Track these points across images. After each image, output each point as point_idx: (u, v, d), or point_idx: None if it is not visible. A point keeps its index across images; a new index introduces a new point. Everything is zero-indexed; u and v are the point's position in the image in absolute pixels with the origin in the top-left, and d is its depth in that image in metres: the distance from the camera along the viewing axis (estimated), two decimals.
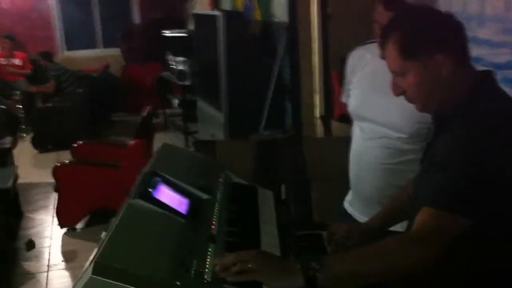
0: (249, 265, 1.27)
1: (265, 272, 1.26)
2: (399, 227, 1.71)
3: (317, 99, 4.88)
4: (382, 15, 1.80)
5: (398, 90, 1.44)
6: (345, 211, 2.12)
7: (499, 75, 1.44)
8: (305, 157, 3.01)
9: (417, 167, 1.66)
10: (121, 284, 1.14)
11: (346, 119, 2.23)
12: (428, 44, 1.35)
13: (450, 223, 1.23)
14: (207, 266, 1.37)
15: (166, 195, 1.61)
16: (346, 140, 2.18)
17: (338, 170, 2.25)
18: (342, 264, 1.25)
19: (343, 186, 2.17)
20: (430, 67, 1.35)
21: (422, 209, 1.28)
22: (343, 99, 2.16)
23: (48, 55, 8.13)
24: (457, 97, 1.37)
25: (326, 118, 4.83)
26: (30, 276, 3.91)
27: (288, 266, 1.27)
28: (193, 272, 1.31)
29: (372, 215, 1.88)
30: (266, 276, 1.26)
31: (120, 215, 1.43)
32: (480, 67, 1.46)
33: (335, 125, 4.69)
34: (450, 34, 1.37)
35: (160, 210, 1.52)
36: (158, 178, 1.67)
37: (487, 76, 1.42)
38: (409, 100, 1.44)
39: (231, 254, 1.35)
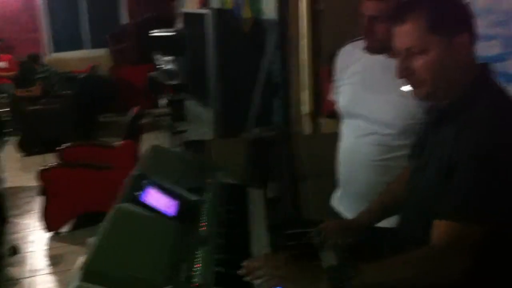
0: (276, 271, 1.30)
1: (291, 279, 1.28)
2: (386, 223, 1.69)
3: (305, 96, 4.87)
4: (367, 7, 1.79)
5: (405, 72, 1.37)
6: (332, 209, 2.10)
7: None
8: (294, 154, 3.00)
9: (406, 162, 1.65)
10: None
11: (335, 116, 2.21)
12: (458, 21, 1.34)
13: (469, 234, 1.23)
14: (196, 269, 1.35)
15: (155, 197, 1.59)
16: (336, 137, 2.16)
17: (327, 167, 2.23)
18: (374, 274, 1.25)
19: (333, 183, 2.15)
20: (454, 45, 1.32)
21: (439, 222, 1.27)
22: (333, 96, 2.15)
23: (35, 58, 8.05)
24: (462, 85, 1.35)
25: (314, 115, 4.82)
26: (14, 281, 3.83)
27: (315, 274, 1.28)
28: (183, 275, 1.29)
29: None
30: (293, 283, 1.27)
31: (108, 219, 1.41)
32: None
33: (324, 122, 4.68)
34: (472, 18, 1.36)
35: (148, 213, 1.50)
36: (146, 181, 1.65)
37: (487, 69, 1.40)
38: (416, 83, 1.38)
39: (260, 257, 1.41)
